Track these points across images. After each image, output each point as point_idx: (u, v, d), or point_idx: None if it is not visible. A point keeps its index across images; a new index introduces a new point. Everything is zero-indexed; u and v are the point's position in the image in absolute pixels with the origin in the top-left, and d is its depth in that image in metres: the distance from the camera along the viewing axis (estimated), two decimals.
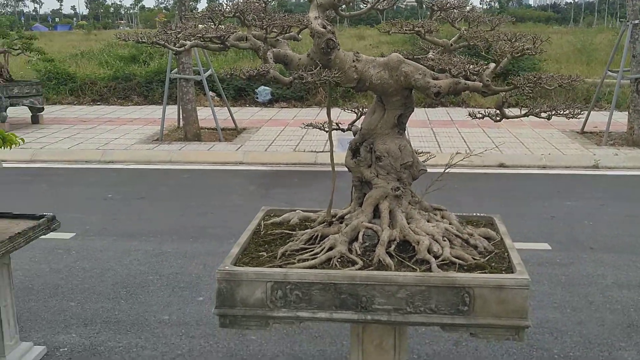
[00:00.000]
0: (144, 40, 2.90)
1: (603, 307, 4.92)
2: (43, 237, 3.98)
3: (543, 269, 5.66)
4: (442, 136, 12.07)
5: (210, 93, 13.16)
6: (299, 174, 9.59)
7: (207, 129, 12.52)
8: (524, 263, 2.92)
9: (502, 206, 7.58)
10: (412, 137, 11.91)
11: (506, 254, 3.18)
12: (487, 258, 3.09)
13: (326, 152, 9.34)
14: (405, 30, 2.98)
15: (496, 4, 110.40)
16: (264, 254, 3.18)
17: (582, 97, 15.94)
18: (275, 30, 2.84)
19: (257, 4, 2.91)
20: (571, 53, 24.50)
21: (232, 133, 12.47)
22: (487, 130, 12.38)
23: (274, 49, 2.95)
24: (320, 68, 2.81)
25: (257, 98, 16.61)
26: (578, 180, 9.30)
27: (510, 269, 3.00)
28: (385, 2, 3.14)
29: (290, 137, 11.85)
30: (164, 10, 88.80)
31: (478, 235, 3.29)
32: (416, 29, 2.97)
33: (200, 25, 3.04)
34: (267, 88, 16.54)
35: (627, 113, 11.49)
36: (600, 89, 12.81)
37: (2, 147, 3.56)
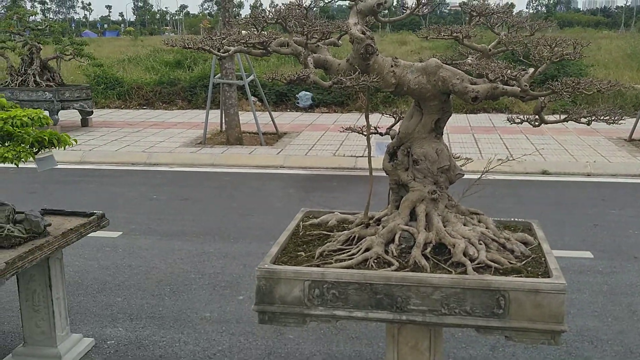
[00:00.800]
0: (190, 46, 3.02)
1: None
2: (92, 235, 4.15)
3: (584, 277, 5.59)
4: (483, 142, 11.98)
5: (252, 98, 13.36)
6: (338, 178, 9.66)
7: (249, 133, 12.72)
8: (565, 271, 2.91)
9: (543, 213, 7.50)
10: (453, 143, 11.87)
11: (543, 259, 3.18)
12: (523, 262, 3.11)
13: (365, 156, 9.39)
14: (444, 35, 3.02)
15: (543, 9, 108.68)
16: (302, 253, 3.26)
17: (631, 103, 15.60)
18: (316, 36, 2.91)
19: (298, 10, 3.00)
20: (620, 59, 23.97)
21: (273, 137, 12.63)
22: (530, 136, 12.23)
23: (314, 55, 3.03)
24: (359, 73, 2.88)
25: (298, 103, 16.78)
26: (624, 188, 9.11)
27: (546, 274, 3.00)
28: (425, 7, 3.19)
29: (330, 142, 11.94)
30: (208, 17, 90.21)
31: (515, 240, 3.31)
32: (454, 34, 3.01)
33: (243, 32, 3.15)
34: (308, 93, 16.69)
35: None
36: None
37: (57, 148, 3.74)
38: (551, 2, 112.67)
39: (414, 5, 3.20)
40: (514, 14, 3.37)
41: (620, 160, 10.37)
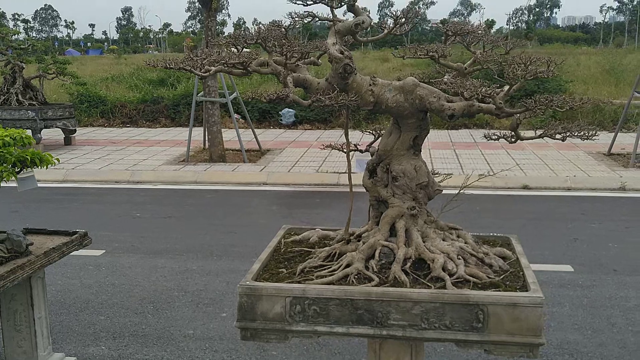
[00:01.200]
0: (171, 66, 3.06)
1: (625, 330, 4.91)
2: (75, 253, 4.14)
3: (565, 291, 5.66)
4: (464, 158, 12.10)
5: (235, 115, 13.40)
6: (321, 195, 9.71)
7: (232, 150, 12.75)
8: (546, 284, 2.98)
9: (524, 228, 7.60)
10: (435, 158, 11.98)
11: (521, 273, 3.24)
12: (502, 277, 3.16)
13: (357, 172, 9.46)
14: (420, 55, 3.09)
15: (523, 25, 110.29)
16: (284, 270, 3.28)
17: (609, 118, 15.86)
18: (295, 55, 2.97)
19: (278, 31, 3.06)
20: (599, 74, 24.37)
21: (256, 154, 12.67)
22: (511, 151, 12.38)
23: (294, 74, 3.08)
24: (337, 92, 2.93)
25: (281, 120, 16.85)
26: (604, 202, 9.25)
27: (524, 288, 3.05)
28: (402, 27, 3.26)
29: (313, 159, 12.00)
30: (191, 35, 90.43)
31: (493, 255, 3.36)
32: (430, 53, 3.08)
33: (232, 49, 3.19)
34: (291, 110, 16.78)
35: None
36: (627, 111, 12.73)
37: (39, 167, 3.74)
38: (531, 18, 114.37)
39: (391, 25, 3.28)
40: (494, 31, 3.46)
41: (600, 175, 10.53)
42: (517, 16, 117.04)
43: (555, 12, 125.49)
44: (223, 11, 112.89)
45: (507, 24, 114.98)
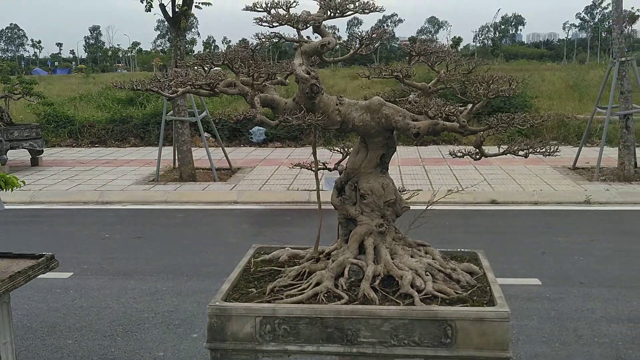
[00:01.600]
0: (138, 88, 3.06)
1: (591, 341, 4.99)
2: (42, 276, 4.07)
3: (533, 304, 5.74)
4: (434, 173, 12.24)
5: (205, 134, 13.37)
6: (292, 213, 9.71)
7: (202, 169, 12.70)
8: (514, 298, 3.02)
9: (493, 242, 7.70)
10: (405, 174, 12.10)
11: (488, 287, 3.29)
12: (469, 292, 3.20)
13: (326, 190, 9.48)
14: (385, 75, 3.15)
15: (490, 42, 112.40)
16: (254, 289, 3.28)
17: (574, 133, 16.20)
18: (262, 76, 3.00)
19: (245, 51, 3.09)
20: (563, 90, 24.93)
21: (227, 173, 12.64)
22: (479, 167, 12.56)
23: (261, 94, 3.11)
24: (304, 112, 2.97)
25: (252, 138, 16.84)
26: (569, 216, 9.43)
27: (492, 302, 3.10)
28: (367, 47, 3.32)
29: (284, 176, 12.01)
30: (160, 54, 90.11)
31: (461, 270, 3.41)
32: (395, 73, 3.14)
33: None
34: (262, 128, 16.78)
35: (617, 149, 11.68)
36: (590, 125, 13.04)
37: (4, 190, 3.69)
38: (497, 35, 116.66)
39: (357, 46, 3.34)
40: (460, 48, 3.54)
41: (565, 188, 10.73)
42: (484, 33, 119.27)
43: (520, 29, 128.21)
44: (193, 29, 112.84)
45: (473, 41, 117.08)
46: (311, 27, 3.24)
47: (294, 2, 3.10)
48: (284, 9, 3.12)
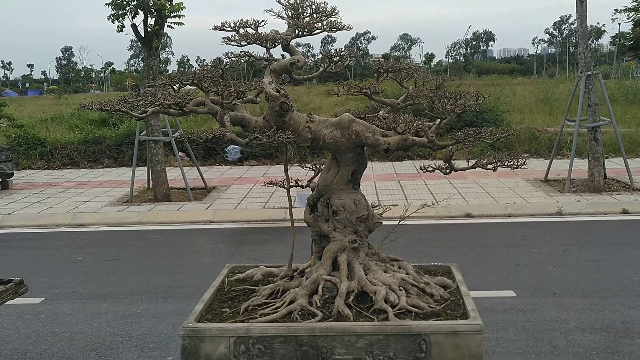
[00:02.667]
0: (107, 109, 3.04)
1: (566, 351, 5.03)
2: (12, 302, 3.99)
3: (508, 316, 5.77)
4: (409, 188, 12.31)
5: (180, 153, 13.29)
6: (268, 231, 9.67)
7: (177, 188, 12.60)
8: (490, 310, 3.04)
9: (468, 255, 7.75)
10: (380, 190, 12.14)
11: (461, 301, 3.31)
12: (442, 305, 3.22)
13: (294, 208, 9.47)
14: (353, 92, 3.18)
15: (462, 58, 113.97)
16: (227, 310, 3.26)
17: (545, 146, 16.44)
18: (231, 95, 3.00)
19: (214, 71, 3.09)
20: (534, 103, 25.35)
21: (202, 192, 12.56)
22: (453, 181, 12.65)
23: (231, 113, 3.12)
24: (274, 130, 2.97)
25: (227, 157, 16.78)
26: (542, 227, 9.54)
27: (465, 316, 3.12)
28: (336, 65, 3.35)
29: (260, 195, 11.97)
30: (134, 73, 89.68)
31: (434, 284, 3.43)
32: (363, 90, 3.17)
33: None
34: (237, 147, 16.73)
35: (587, 160, 11.87)
36: (560, 138, 13.25)
37: None
38: (469, 51, 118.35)
39: (327, 63, 3.37)
40: (433, 64, 3.58)
41: (538, 200, 10.87)
42: (456, 49, 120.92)
43: (491, 45, 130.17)
44: (167, 49, 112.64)
45: (446, 57, 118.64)
46: (280, 45, 3.27)
47: (262, 21, 3.13)
48: (252, 28, 3.14)
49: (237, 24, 3.07)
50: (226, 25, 3.06)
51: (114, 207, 11.50)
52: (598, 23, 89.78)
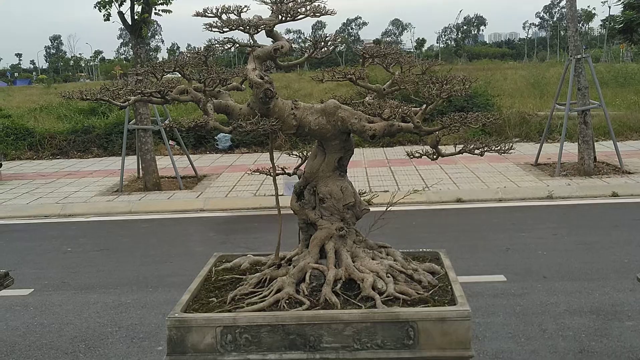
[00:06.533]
0: (88, 98, 2.99)
1: (556, 335, 5.05)
2: (0, 294, 3.95)
3: (498, 301, 5.79)
4: (400, 174, 12.30)
5: (170, 142, 13.21)
6: (259, 219, 9.65)
7: (168, 177, 12.55)
8: (480, 295, 3.03)
9: (458, 240, 7.76)
10: (371, 176, 12.13)
11: (449, 287, 3.29)
12: (430, 292, 3.20)
13: (287, 195, 9.42)
14: (338, 78, 3.13)
15: (453, 43, 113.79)
16: (214, 299, 3.23)
17: (535, 130, 16.45)
18: (214, 82, 2.95)
19: (196, 58, 3.04)
20: (525, 88, 25.36)
21: (193, 181, 12.51)
22: (445, 166, 12.66)
23: (214, 101, 3.07)
24: (258, 117, 2.93)
25: (218, 145, 16.70)
26: (533, 211, 9.57)
27: (453, 302, 3.10)
28: (322, 51, 3.30)
29: (251, 182, 11.93)
30: (124, 62, 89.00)
31: (422, 270, 3.41)
32: (348, 76, 3.13)
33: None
34: (228, 135, 16.66)
35: (577, 144, 11.89)
36: (550, 122, 13.26)
37: None
38: (460, 36, 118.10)
39: (312, 49, 3.32)
40: (425, 49, 3.55)
41: (528, 185, 10.89)
42: (447, 34, 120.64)
43: (482, 30, 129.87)
44: (156, 36, 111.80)
45: (437, 42, 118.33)
46: (264, 31, 3.22)
47: (245, 7, 3.07)
48: (235, 14, 3.09)
49: (220, 10, 3.02)
50: (208, 12, 3.01)
51: (104, 196, 11.44)
52: (588, 6, 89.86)
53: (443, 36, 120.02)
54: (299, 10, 3.05)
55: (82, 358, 4.95)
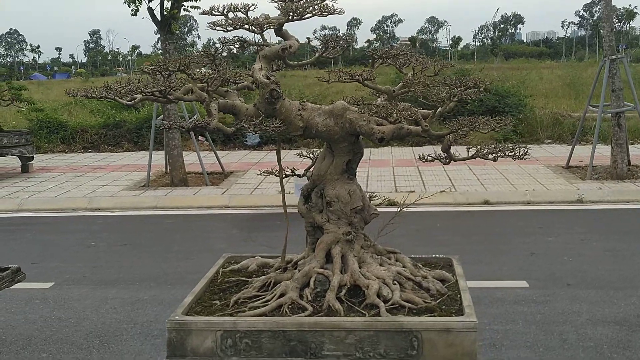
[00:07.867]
0: (93, 96, 2.97)
1: (576, 345, 4.89)
2: (21, 287, 3.97)
3: (519, 308, 5.63)
4: (427, 174, 12.12)
5: (200, 138, 13.27)
6: (282, 217, 9.56)
7: (195, 173, 12.60)
8: (501, 301, 2.91)
9: (483, 244, 7.59)
10: (398, 176, 11.99)
11: (459, 296, 3.19)
12: (438, 301, 3.11)
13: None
14: (345, 79, 3.06)
15: (489, 41, 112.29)
16: (217, 302, 3.20)
17: (568, 131, 16.08)
18: (216, 82, 2.91)
19: (202, 57, 3.00)
20: (560, 88, 24.82)
21: (219, 177, 12.55)
22: (473, 167, 12.44)
23: (220, 100, 3.03)
24: (263, 118, 2.88)
25: (246, 141, 16.73)
26: (561, 215, 9.32)
27: (460, 311, 3.01)
28: (334, 50, 3.23)
29: (276, 180, 11.82)
30: (160, 57, 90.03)
31: (432, 278, 3.32)
32: (355, 77, 3.05)
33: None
34: None
35: (610, 147, 11.56)
36: (583, 124, 12.93)
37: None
38: (496, 34, 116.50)
39: (322, 49, 3.25)
40: (460, 47, 3.45)
41: (558, 188, 10.62)
42: (483, 32, 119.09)
43: (520, 28, 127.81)
44: (193, 32, 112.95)
45: (473, 41, 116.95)
46: (273, 30, 3.16)
47: (253, 5, 3.02)
48: (242, 13, 3.04)
49: (226, 8, 2.97)
50: (214, 10, 2.96)
51: (131, 191, 11.55)
52: (630, 5, 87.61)
53: (479, 34, 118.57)
54: (307, 9, 2.98)
55: (95, 354, 4.97)
